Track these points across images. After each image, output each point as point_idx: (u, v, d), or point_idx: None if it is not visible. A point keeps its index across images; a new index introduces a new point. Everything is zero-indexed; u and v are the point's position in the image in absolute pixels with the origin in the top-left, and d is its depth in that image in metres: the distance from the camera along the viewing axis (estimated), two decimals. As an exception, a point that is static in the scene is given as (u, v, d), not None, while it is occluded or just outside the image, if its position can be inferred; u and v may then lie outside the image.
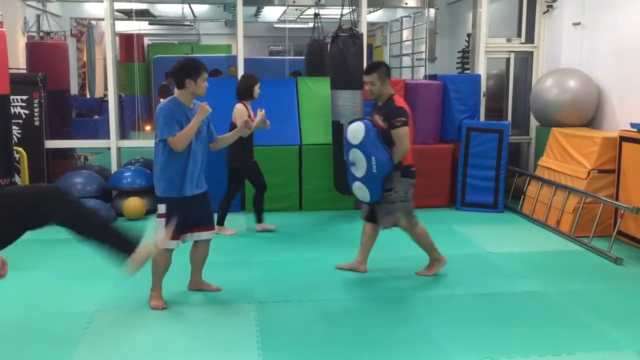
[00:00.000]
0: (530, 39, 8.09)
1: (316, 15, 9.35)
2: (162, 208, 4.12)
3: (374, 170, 4.53)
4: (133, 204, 6.69)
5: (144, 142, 10.02)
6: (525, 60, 8.18)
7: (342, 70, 6.40)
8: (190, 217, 4.19)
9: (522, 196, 7.09)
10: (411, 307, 4.32)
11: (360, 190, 4.70)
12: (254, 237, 6.07)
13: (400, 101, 4.71)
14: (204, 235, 4.29)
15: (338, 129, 6.33)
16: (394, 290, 4.60)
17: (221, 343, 3.70)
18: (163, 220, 4.10)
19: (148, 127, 11.43)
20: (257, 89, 5.87)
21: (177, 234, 4.12)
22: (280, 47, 18.54)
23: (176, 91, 4.12)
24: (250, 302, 4.33)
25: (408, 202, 4.74)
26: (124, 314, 4.15)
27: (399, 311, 4.26)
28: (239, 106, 5.83)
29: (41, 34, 8.96)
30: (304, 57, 17.51)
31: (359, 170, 4.61)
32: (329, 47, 6.92)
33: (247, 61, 7.68)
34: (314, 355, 3.54)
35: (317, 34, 9.26)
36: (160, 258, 4.14)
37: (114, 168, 7.42)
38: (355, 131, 4.59)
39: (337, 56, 6.42)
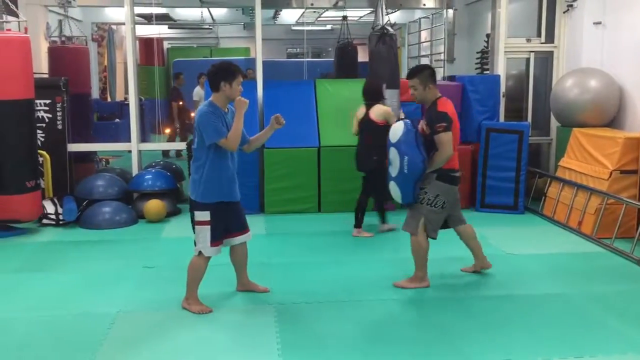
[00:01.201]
0: (550, 38, 8.02)
1: (344, 17, 9.39)
2: (204, 215, 4.08)
3: (405, 170, 4.46)
4: (154, 206, 6.76)
5: (165, 145, 10.16)
6: (545, 60, 8.11)
7: (386, 70, 6.40)
8: (230, 222, 4.21)
9: (543, 197, 7.03)
10: (430, 308, 4.31)
11: (394, 190, 4.65)
12: (273, 239, 6.10)
13: (444, 105, 4.54)
14: (241, 238, 4.33)
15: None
16: (413, 292, 4.59)
17: (242, 344, 3.73)
18: (206, 227, 4.09)
19: (168, 130, 11.54)
20: None
21: (219, 241, 4.15)
22: (298, 50, 18.60)
23: (211, 95, 4.13)
24: (271, 303, 4.35)
25: (435, 209, 4.53)
26: (146, 315, 4.20)
27: (418, 312, 4.25)
28: None
29: (63, 38, 9.08)
30: (322, 59, 17.56)
31: (394, 170, 4.60)
32: (368, 46, 6.91)
33: (265, 64, 7.72)
34: (334, 357, 3.55)
35: (344, 36, 9.28)
36: (201, 265, 4.17)
37: (134, 171, 7.51)
38: (396, 130, 4.59)
39: (381, 55, 6.40)
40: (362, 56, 9.92)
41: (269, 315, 4.14)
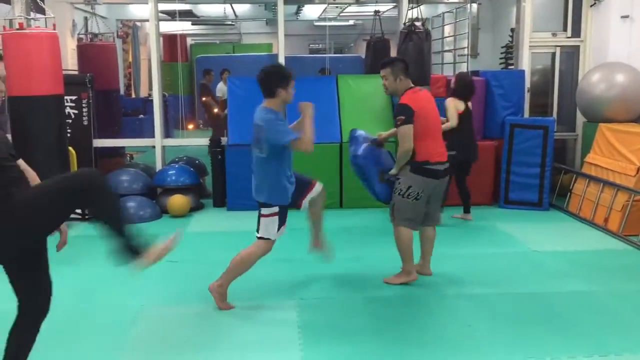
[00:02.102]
0: (576, 33, 7.90)
1: (376, 12, 9.32)
2: (272, 208, 4.10)
3: (353, 167, 4.67)
4: (177, 201, 6.83)
5: (188, 141, 10.22)
6: (571, 55, 8.00)
7: (417, 66, 6.35)
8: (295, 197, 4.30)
9: (568, 194, 6.94)
10: (454, 305, 4.28)
11: None
12: (294, 234, 6.10)
13: (408, 96, 4.41)
14: (313, 193, 4.41)
15: None
16: (437, 288, 4.57)
17: (263, 339, 3.75)
18: (274, 218, 4.12)
19: (191, 126, 11.61)
20: None
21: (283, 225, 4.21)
22: (320, 45, 18.58)
23: (265, 101, 4.08)
24: (292, 298, 4.37)
25: (408, 200, 4.40)
26: (170, 309, 4.25)
27: (442, 309, 4.24)
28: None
29: (89, 35, 9.21)
30: (344, 55, 17.51)
31: None
32: (399, 43, 6.85)
33: (287, 59, 7.73)
34: (356, 352, 3.56)
35: (375, 31, 9.20)
36: (260, 252, 4.20)
37: (158, 166, 7.58)
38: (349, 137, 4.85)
39: (408, 53, 6.40)
40: (391, 51, 9.84)
41: (291, 310, 4.16)
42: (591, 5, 7.71)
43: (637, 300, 4.33)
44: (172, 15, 10.92)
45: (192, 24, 15.98)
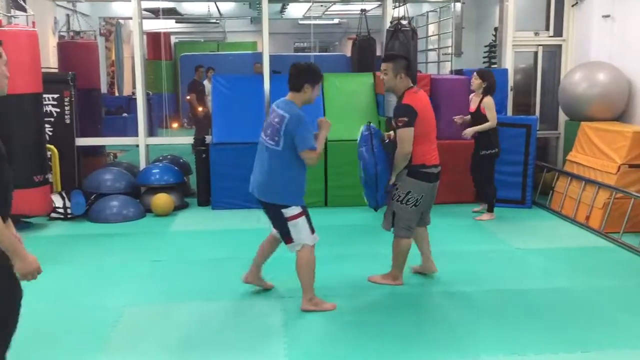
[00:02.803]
0: (558, 32, 7.97)
1: (362, 11, 9.31)
2: (294, 209, 3.95)
3: (362, 174, 4.32)
4: (161, 200, 6.79)
5: (172, 140, 10.18)
6: (553, 54, 8.07)
7: None
8: None
9: (551, 192, 7.01)
10: (437, 303, 4.31)
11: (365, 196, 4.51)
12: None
13: (411, 97, 4.24)
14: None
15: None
16: (421, 286, 4.59)
17: (248, 339, 3.74)
18: (302, 218, 3.98)
19: (175, 125, 11.55)
20: None
21: (313, 229, 4.06)
22: (305, 44, 18.57)
23: (289, 94, 3.99)
24: (278, 297, 4.37)
25: (407, 206, 4.27)
26: (154, 308, 4.22)
27: (426, 307, 4.26)
28: None
29: (71, 33, 9.11)
30: (329, 54, 17.49)
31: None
32: (386, 41, 6.75)
33: (272, 58, 7.71)
34: (341, 352, 3.56)
35: (360, 30, 9.18)
36: (310, 258, 4.05)
37: (142, 165, 7.53)
38: (359, 132, 4.43)
39: (400, 50, 6.30)
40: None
41: (276, 310, 4.15)
42: (573, 5, 7.79)
43: (618, 296, 4.38)
44: (155, 13, 10.86)
45: (176, 22, 15.89)
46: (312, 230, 4.04)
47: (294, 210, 3.96)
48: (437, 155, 4.39)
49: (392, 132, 4.48)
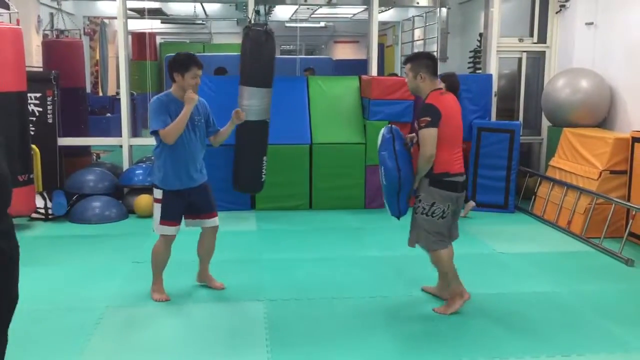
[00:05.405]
0: (542, 38, 8.05)
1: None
2: (158, 193, 4.19)
3: (384, 181, 4.03)
4: (144, 201, 6.73)
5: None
6: (537, 60, 8.15)
7: (252, 66, 6.14)
8: (190, 206, 4.25)
9: (533, 197, 7.06)
10: (419, 307, 4.31)
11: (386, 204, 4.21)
12: (263, 235, 6.10)
13: (436, 98, 3.95)
14: (207, 222, 4.35)
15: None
16: (403, 289, 4.60)
17: (230, 340, 3.72)
18: (158, 205, 4.18)
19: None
20: None
21: (174, 221, 4.19)
22: (291, 47, 18.56)
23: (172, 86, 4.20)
24: (260, 299, 4.35)
25: (434, 219, 3.98)
26: (134, 310, 4.19)
27: (407, 310, 4.26)
28: None
29: (55, 32, 9.02)
30: (315, 57, 17.46)
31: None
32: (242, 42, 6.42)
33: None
34: (323, 354, 3.55)
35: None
36: (160, 248, 4.24)
37: (125, 165, 7.47)
38: (380, 136, 4.14)
39: (248, 51, 6.15)
40: (361, 54, 9.85)
41: (259, 311, 4.13)
42: (557, 12, 7.87)
43: (599, 301, 4.42)
44: (140, 13, 10.78)
45: (162, 22, 15.79)
46: (166, 222, 4.16)
47: (158, 194, 4.17)
48: (462, 164, 4.11)
49: (414, 135, 4.15)
